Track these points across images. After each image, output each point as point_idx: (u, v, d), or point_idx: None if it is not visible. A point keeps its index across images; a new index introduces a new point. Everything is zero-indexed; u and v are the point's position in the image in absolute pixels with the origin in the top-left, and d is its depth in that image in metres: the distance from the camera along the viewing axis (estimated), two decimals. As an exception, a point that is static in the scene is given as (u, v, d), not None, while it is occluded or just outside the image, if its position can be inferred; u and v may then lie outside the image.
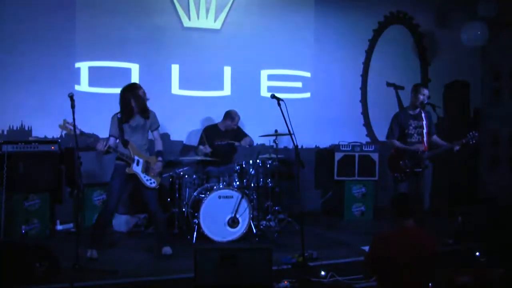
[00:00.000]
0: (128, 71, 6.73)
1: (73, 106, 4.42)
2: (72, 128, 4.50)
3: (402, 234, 3.49)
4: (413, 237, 3.46)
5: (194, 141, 6.81)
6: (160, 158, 5.05)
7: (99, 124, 5.64)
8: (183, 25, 6.98)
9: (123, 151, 4.87)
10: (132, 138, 4.92)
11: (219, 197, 5.57)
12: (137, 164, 4.90)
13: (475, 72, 8.52)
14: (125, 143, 4.87)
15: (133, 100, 4.89)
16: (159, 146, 5.13)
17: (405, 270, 3.34)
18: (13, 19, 6.20)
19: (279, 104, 4.87)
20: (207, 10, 7.06)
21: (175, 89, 6.98)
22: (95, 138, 4.73)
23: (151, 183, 4.96)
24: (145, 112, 4.98)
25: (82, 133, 4.60)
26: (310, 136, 7.47)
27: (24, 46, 6.24)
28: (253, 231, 5.69)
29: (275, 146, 6.34)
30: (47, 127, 6.27)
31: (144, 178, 4.93)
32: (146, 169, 4.95)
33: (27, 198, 5.67)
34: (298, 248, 4.64)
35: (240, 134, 6.56)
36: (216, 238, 5.50)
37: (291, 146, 6.37)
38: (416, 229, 3.55)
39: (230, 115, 6.41)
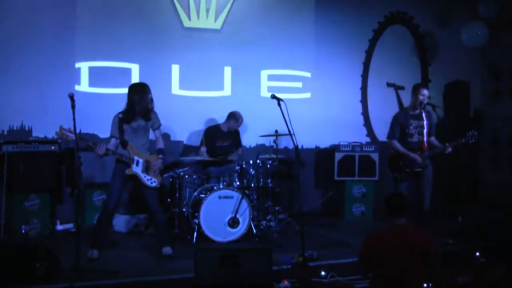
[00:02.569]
0: (128, 71, 6.73)
1: (73, 106, 4.42)
2: (69, 134, 4.51)
3: (393, 232, 3.51)
4: (404, 235, 3.48)
5: (194, 142, 6.81)
6: (160, 156, 5.05)
7: (99, 124, 5.65)
8: (183, 25, 6.99)
9: (122, 152, 4.86)
10: (133, 138, 4.92)
11: (219, 197, 5.57)
12: (137, 165, 4.89)
13: (475, 72, 8.52)
14: (124, 144, 4.86)
15: (137, 104, 4.88)
16: (160, 144, 5.14)
17: (396, 267, 3.36)
18: (13, 19, 6.20)
19: (279, 104, 4.87)
20: (207, 10, 7.07)
21: (175, 89, 6.98)
22: (93, 142, 4.71)
23: (151, 182, 4.96)
24: (147, 115, 4.97)
25: (81, 138, 4.59)
26: (310, 136, 7.47)
27: (24, 46, 6.25)
28: (253, 231, 5.69)
29: (275, 146, 6.34)
30: (47, 127, 6.26)
31: (144, 178, 4.93)
32: (147, 169, 4.95)
33: (27, 198, 5.67)
34: (298, 248, 4.64)
35: (238, 137, 6.56)
36: (216, 238, 5.50)
37: (291, 146, 6.37)
38: (408, 227, 3.57)
39: (234, 116, 6.41)
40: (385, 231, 3.62)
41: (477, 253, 5.03)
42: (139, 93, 4.91)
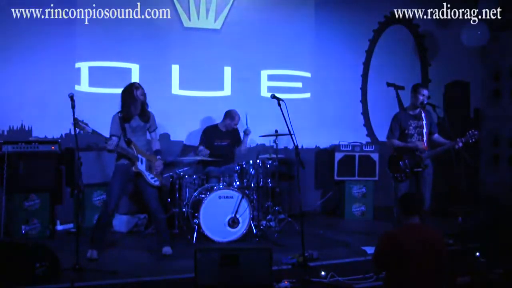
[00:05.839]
0: (128, 71, 6.73)
1: (73, 106, 4.45)
2: (84, 126, 4.57)
3: (408, 231, 3.53)
4: (421, 233, 3.50)
5: (194, 141, 6.81)
6: (159, 157, 5.11)
7: (99, 124, 5.59)
8: (183, 25, 6.98)
9: (128, 150, 4.90)
10: (132, 138, 4.94)
11: (219, 197, 5.58)
12: (141, 163, 4.94)
13: (475, 72, 8.52)
14: (129, 142, 4.90)
15: (131, 102, 4.91)
16: (156, 146, 5.20)
17: (415, 265, 3.37)
18: (13, 19, 6.18)
19: (279, 104, 4.88)
20: (207, 10, 7.06)
21: (175, 89, 6.98)
22: (105, 137, 4.75)
23: (155, 181, 5.02)
24: (144, 115, 5.00)
25: (93, 131, 4.63)
26: (310, 136, 7.47)
27: (24, 46, 6.24)
28: (253, 231, 5.69)
29: (275, 146, 6.34)
30: (47, 127, 6.27)
31: (148, 176, 4.97)
32: (149, 168, 5.01)
33: (27, 198, 5.67)
34: (298, 248, 4.64)
35: (238, 136, 6.55)
36: (217, 238, 5.50)
37: (291, 146, 6.38)
38: (422, 225, 3.61)
39: (230, 115, 6.41)
40: (400, 230, 3.64)
41: (477, 253, 5.03)
42: (131, 92, 4.94)
